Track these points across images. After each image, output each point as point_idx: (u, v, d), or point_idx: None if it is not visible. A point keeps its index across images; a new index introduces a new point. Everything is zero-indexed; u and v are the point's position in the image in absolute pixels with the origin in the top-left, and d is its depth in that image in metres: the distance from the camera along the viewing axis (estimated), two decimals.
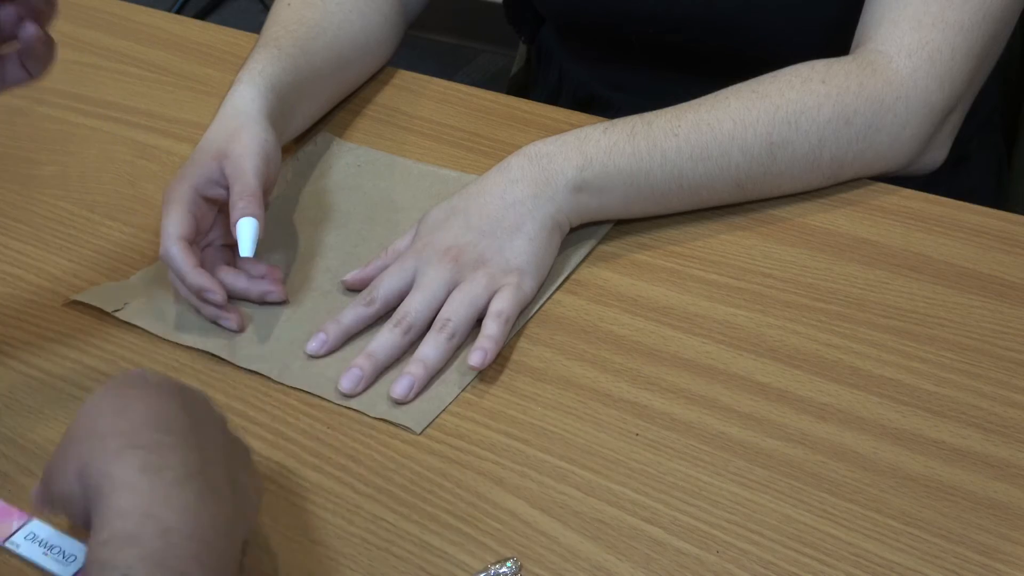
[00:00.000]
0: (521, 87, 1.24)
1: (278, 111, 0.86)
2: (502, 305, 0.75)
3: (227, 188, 0.79)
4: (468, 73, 2.58)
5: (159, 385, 0.60)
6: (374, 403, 0.72)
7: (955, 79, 0.82)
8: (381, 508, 0.65)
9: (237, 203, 0.76)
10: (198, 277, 0.75)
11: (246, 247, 0.75)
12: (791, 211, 0.83)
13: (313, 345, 0.75)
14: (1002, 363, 0.70)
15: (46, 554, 0.64)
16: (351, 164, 0.93)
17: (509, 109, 0.98)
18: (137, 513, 0.51)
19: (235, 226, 0.76)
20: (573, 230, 0.82)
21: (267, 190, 0.80)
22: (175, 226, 0.77)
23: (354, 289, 0.80)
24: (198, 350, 0.77)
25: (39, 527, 0.65)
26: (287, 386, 0.74)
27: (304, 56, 0.91)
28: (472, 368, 0.72)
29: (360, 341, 0.76)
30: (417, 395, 0.72)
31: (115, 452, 0.54)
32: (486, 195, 0.79)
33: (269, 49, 0.90)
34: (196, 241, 0.78)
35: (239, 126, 0.81)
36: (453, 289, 0.76)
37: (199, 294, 0.76)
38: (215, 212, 0.81)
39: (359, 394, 0.72)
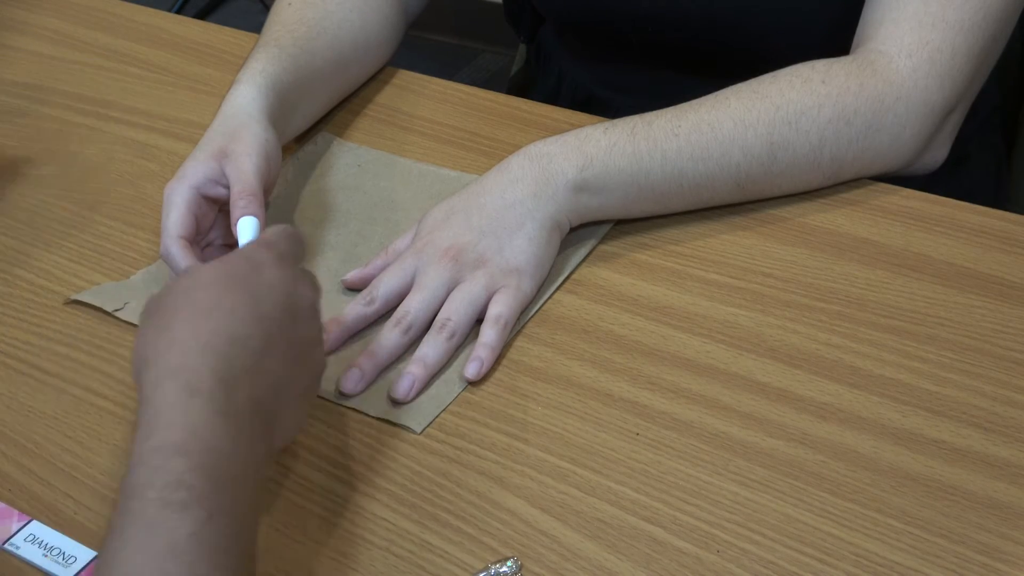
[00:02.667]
0: (521, 87, 1.24)
1: (278, 110, 0.86)
2: (501, 309, 0.75)
3: (228, 187, 0.79)
4: (468, 73, 2.58)
5: (240, 302, 0.59)
6: (374, 403, 0.72)
7: (955, 79, 0.82)
8: (381, 508, 0.65)
9: (237, 202, 0.76)
10: None
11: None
12: (791, 211, 0.83)
13: None
14: (1002, 363, 0.70)
15: (46, 556, 0.64)
16: (351, 164, 0.93)
17: (509, 109, 0.98)
18: (184, 429, 0.53)
19: (235, 225, 0.76)
20: (573, 230, 0.82)
21: (267, 189, 0.80)
22: (175, 225, 0.77)
23: (354, 288, 0.80)
24: None
25: (39, 528, 0.65)
26: None
27: (304, 56, 0.91)
28: (468, 379, 0.72)
29: (360, 341, 0.76)
30: (417, 395, 0.72)
31: (169, 372, 0.55)
32: (486, 195, 0.79)
33: (269, 49, 0.90)
34: (196, 240, 0.78)
35: (240, 125, 0.81)
36: (453, 289, 0.76)
37: None
38: (215, 211, 0.81)
39: (359, 394, 0.72)
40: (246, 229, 0.75)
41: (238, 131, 0.81)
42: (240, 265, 0.61)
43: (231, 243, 0.81)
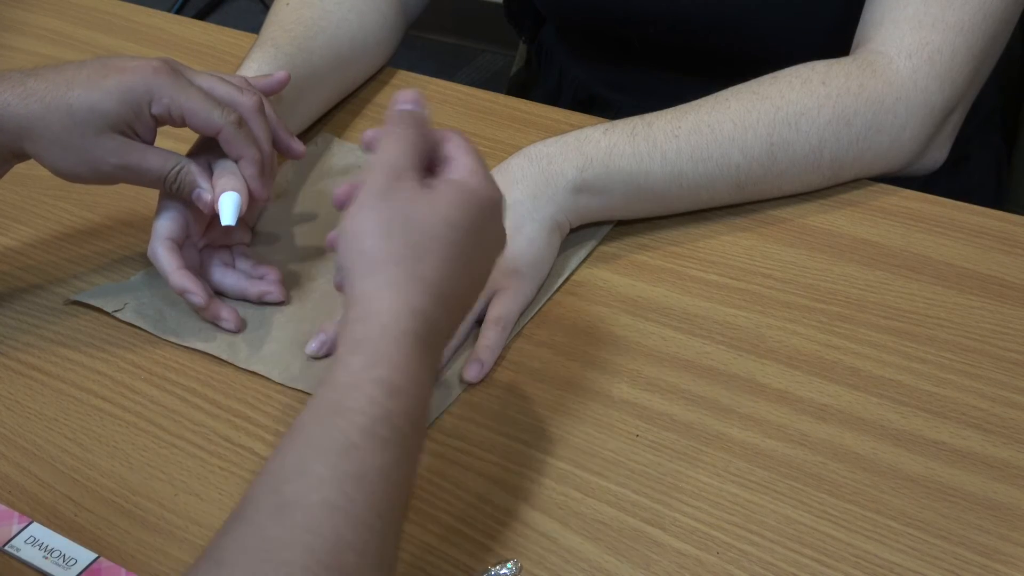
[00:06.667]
0: (521, 87, 1.24)
1: (275, 110, 0.86)
2: (501, 311, 0.75)
3: None
4: (468, 73, 2.58)
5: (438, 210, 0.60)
6: None
7: (955, 80, 0.82)
8: None
9: (219, 180, 0.76)
10: (180, 278, 0.75)
11: (227, 217, 0.75)
12: (791, 212, 0.83)
13: (313, 346, 0.75)
14: (1002, 364, 0.70)
15: (46, 557, 0.64)
16: (351, 164, 0.93)
17: (509, 109, 0.98)
18: (408, 376, 0.55)
19: (218, 201, 0.75)
20: (573, 231, 0.82)
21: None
22: (163, 227, 0.77)
23: None
24: (198, 351, 0.77)
25: (39, 530, 0.65)
26: (287, 387, 0.74)
27: (301, 55, 0.91)
28: (468, 381, 0.72)
29: None
30: None
31: (410, 311, 0.57)
32: None
33: (266, 49, 0.90)
34: (186, 241, 0.78)
35: None
36: None
37: (182, 295, 0.76)
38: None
39: None
40: (227, 203, 0.75)
41: None
42: (485, 212, 0.61)
43: (229, 244, 0.81)
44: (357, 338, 0.55)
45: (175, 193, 0.76)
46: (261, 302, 0.79)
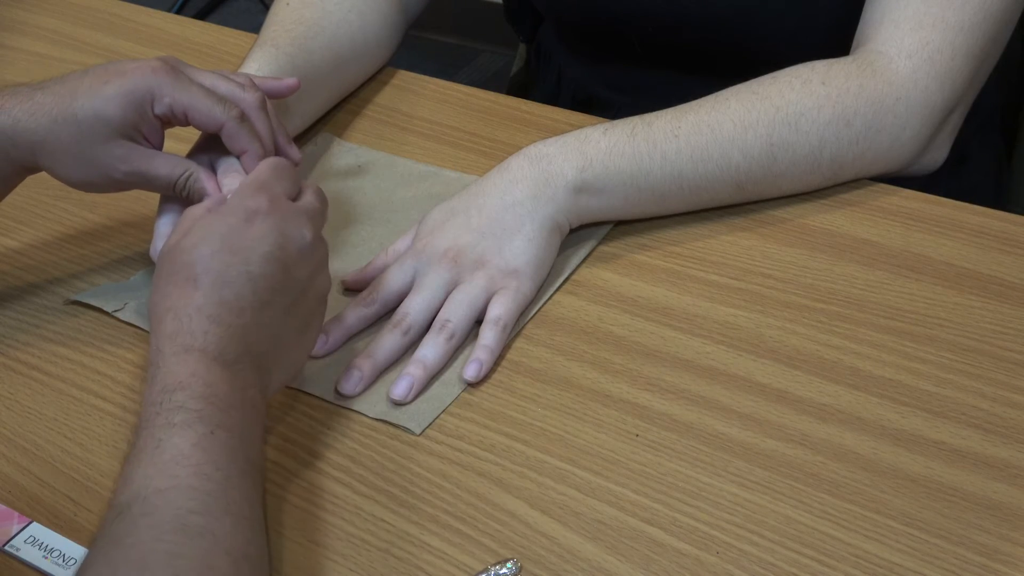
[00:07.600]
0: (521, 87, 1.24)
1: (276, 110, 0.86)
2: (500, 311, 0.75)
3: None
4: (468, 73, 2.58)
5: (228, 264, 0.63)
6: (374, 404, 0.72)
7: (955, 80, 0.82)
8: (381, 508, 0.65)
9: (223, 178, 0.76)
10: None
11: None
12: (791, 212, 0.83)
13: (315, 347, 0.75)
14: (1002, 363, 0.70)
15: (46, 557, 0.64)
16: (351, 164, 0.93)
17: (509, 109, 0.98)
18: (183, 373, 0.60)
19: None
20: (573, 231, 0.82)
21: None
22: (164, 225, 0.77)
23: (354, 289, 0.80)
24: None
25: (39, 530, 0.65)
26: (287, 386, 0.74)
27: (302, 55, 0.91)
28: (468, 381, 0.72)
29: (359, 342, 0.76)
30: (416, 396, 0.72)
31: (167, 337, 0.61)
32: (486, 196, 0.79)
33: (266, 49, 0.90)
34: None
35: None
36: (453, 290, 0.76)
37: None
38: None
39: (358, 395, 0.72)
40: None
41: None
42: (231, 221, 0.65)
43: None
44: (148, 374, 0.61)
45: (184, 198, 0.76)
46: None
